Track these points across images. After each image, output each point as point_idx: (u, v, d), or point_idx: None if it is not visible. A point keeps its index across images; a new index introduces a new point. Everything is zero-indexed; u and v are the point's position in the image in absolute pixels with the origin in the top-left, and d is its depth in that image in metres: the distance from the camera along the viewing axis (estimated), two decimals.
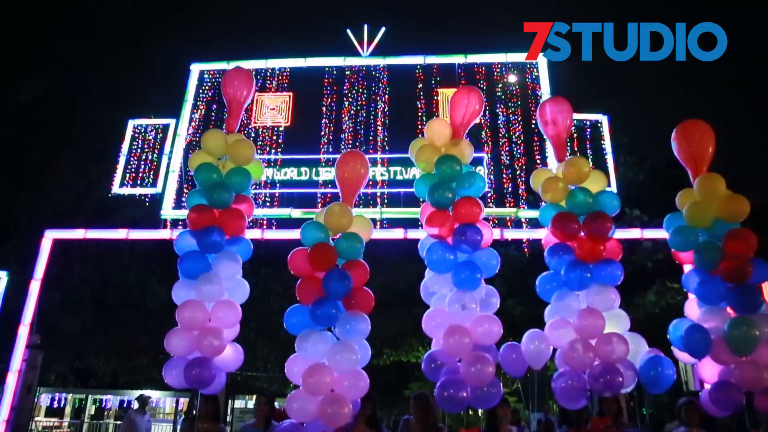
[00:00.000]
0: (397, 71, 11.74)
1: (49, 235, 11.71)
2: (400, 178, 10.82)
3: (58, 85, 19.93)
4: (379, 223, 10.53)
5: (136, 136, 12.09)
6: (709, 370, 5.18)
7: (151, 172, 11.74)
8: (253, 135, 11.39)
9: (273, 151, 11.29)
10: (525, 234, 10.59)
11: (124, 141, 12.05)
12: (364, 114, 11.34)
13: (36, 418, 23.25)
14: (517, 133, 11.11)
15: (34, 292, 11.44)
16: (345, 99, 11.51)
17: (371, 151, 10.92)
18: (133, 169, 11.85)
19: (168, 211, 11.30)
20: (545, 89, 11.12)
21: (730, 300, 5.12)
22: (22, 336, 11.29)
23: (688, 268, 5.85)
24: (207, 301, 5.11)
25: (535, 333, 5.15)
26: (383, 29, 11.98)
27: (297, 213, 10.71)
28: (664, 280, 16.01)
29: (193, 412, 5.99)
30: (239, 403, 19.78)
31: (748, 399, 4.97)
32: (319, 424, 4.62)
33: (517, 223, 10.54)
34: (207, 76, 12.14)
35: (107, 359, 21.02)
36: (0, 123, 17.89)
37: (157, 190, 11.54)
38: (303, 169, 11.13)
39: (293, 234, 10.34)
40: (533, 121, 10.93)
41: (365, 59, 11.84)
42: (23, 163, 18.63)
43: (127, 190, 11.81)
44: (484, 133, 10.90)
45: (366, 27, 11.99)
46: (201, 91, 12.04)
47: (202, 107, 11.90)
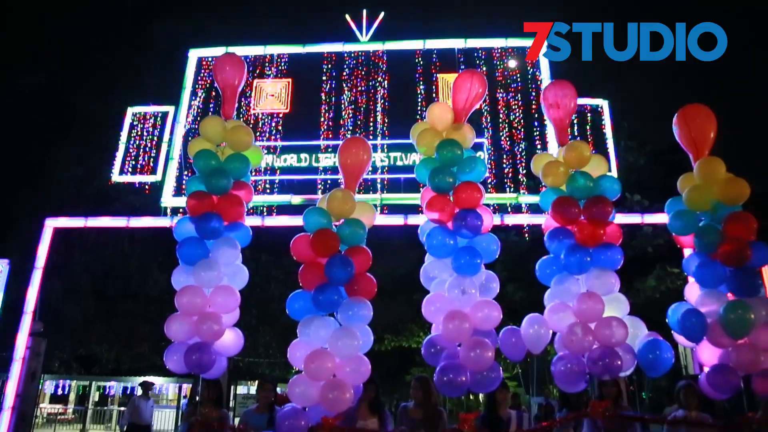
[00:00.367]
0: (396, 56, 11.66)
1: (50, 224, 11.72)
2: (400, 163, 10.80)
3: (57, 74, 19.86)
4: (379, 209, 10.53)
5: (135, 123, 12.04)
6: (707, 354, 5.20)
7: (151, 160, 11.72)
8: (252, 122, 11.35)
9: (273, 137, 11.26)
10: (525, 219, 10.59)
11: (123, 129, 12.02)
12: (364, 100, 11.28)
13: (41, 405, 23.46)
14: (517, 118, 11.06)
15: (36, 280, 11.47)
16: (344, 85, 11.45)
17: (371, 137, 10.88)
18: (132, 157, 11.82)
19: (168, 198, 11.29)
20: (545, 74, 11.05)
21: (729, 283, 5.12)
22: (25, 324, 11.35)
23: (689, 252, 5.85)
24: (206, 287, 5.13)
25: (535, 317, 5.16)
26: (382, 14, 11.89)
27: (297, 199, 10.70)
28: (664, 265, 16.06)
29: (196, 397, 6.04)
30: (241, 389, 19.94)
31: (746, 382, 4.99)
32: (321, 409, 4.65)
33: (517, 209, 10.54)
34: (205, 63, 12.07)
35: (109, 346, 21.14)
36: None
37: (157, 177, 11.52)
38: (303, 155, 11.10)
39: (293, 221, 10.36)
40: (534, 105, 10.93)
41: (364, 45, 11.75)
42: (23, 153, 18.61)
43: (126, 178, 11.79)
44: (484, 118, 10.84)
45: (365, 12, 11.89)
46: (199, 77, 11.98)
47: (201, 94, 11.84)
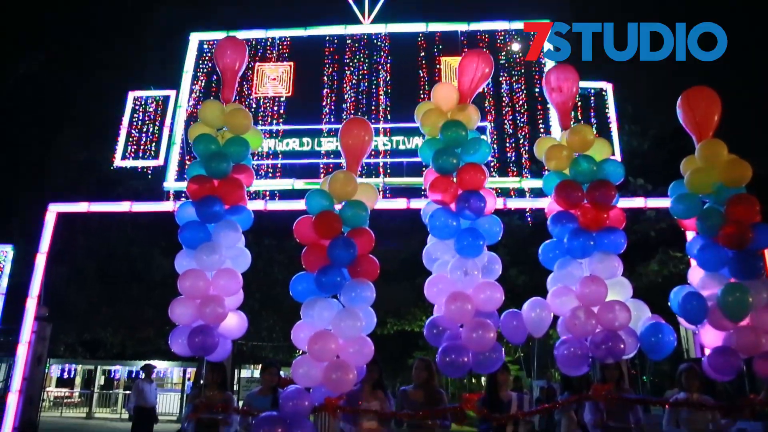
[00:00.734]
0: (399, 39, 11.57)
1: (53, 209, 11.75)
2: (402, 147, 10.76)
3: (57, 59, 19.77)
4: (381, 192, 10.51)
5: (137, 108, 12.01)
6: (709, 336, 5.21)
7: (153, 145, 11.71)
8: (254, 106, 11.31)
9: (275, 121, 11.22)
10: (528, 203, 10.57)
11: (125, 113, 11.99)
12: (366, 83, 11.22)
13: (47, 389, 23.72)
14: (520, 102, 11.00)
15: (40, 265, 11.53)
16: (346, 68, 11.38)
17: (373, 120, 10.83)
18: (134, 142, 11.81)
19: (171, 183, 11.30)
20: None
21: (730, 266, 5.10)
22: (30, 308, 11.43)
23: (692, 236, 5.84)
24: (208, 270, 5.15)
25: (537, 301, 5.17)
26: None
27: (300, 184, 10.69)
28: (667, 249, 16.04)
29: (201, 381, 6.10)
30: (245, 372, 20.11)
31: (748, 364, 5.01)
32: (324, 390, 4.69)
33: (520, 193, 10.52)
34: (206, 46, 12.00)
35: (114, 331, 21.30)
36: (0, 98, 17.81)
37: (159, 162, 11.51)
38: (305, 139, 11.07)
39: (296, 205, 10.35)
40: (537, 89, 10.86)
41: (366, 27, 11.66)
42: (25, 138, 18.61)
43: (129, 163, 11.78)
44: (487, 102, 10.78)
45: None
46: (201, 61, 11.91)
47: (202, 78, 11.79)
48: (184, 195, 10.77)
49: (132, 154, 11.75)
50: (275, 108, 11.32)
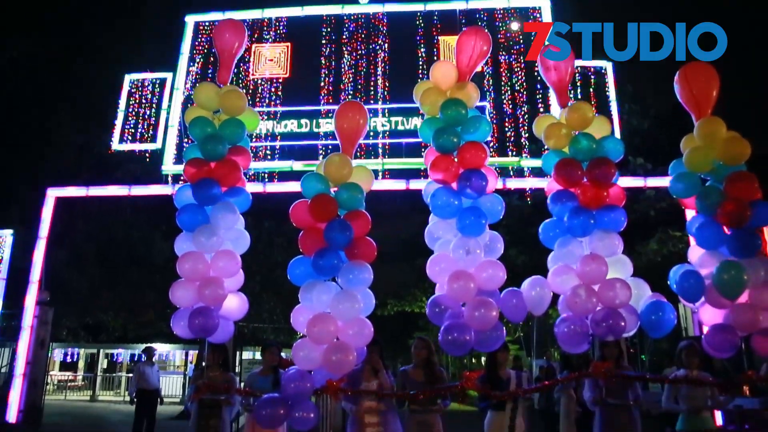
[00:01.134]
0: (396, 19, 11.45)
1: (52, 194, 11.75)
2: (401, 128, 10.71)
3: (53, 42, 19.58)
4: (381, 174, 10.48)
5: (134, 91, 11.94)
6: (708, 314, 5.23)
7: (151, 128, 11.66)
8: (251, 87, 11.23)
9: (272, 103, 11.15)
10: (527, 183, 10.55)
11: (122, 96, 11.92)
12: (364, 64, 11.13)
13: (51, 372, 23.91)
14: (519, 81, 10.93)
15: (40, 249, 11.55)
16: (344, 48, 11.28)
17: (372, 101, 10.76)
18: (132, 125, 11.76)
19: (169, 166, 11.27)
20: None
21: (729, 244, 5.08)
22: (32, 293, 11.48)
23: (692, 214, 5.82)
24: (206, 253, 5.15)
25: (537, 279, 5.17)
26: None
27: (298, 165, 10.66)
28: (666, 229, 16.05)
29: (203, 362, 6.14)
30: (247, 354, 20.22)
31: (746, 342, 5.02)
32: (326, 372, 4.72)
33: (519, 172, 10.50)
34: (202, 28, 11.88)
35: (116, 314, 21.40)
36: None
37: (157, 145, 11.47)
38: (303, 120, 11.01)
39: (295, 186, 10.29)
40: (536, 68, 10.77)
41: (364, 6, 11.53)
42: (22, 122, 18.50)
43: (126, 147, 11.74)
44: (486, 81, 10.70)
45: None
46: (197, 43, 11.81)
47: (199, 60, 11.69)
48: (182, 178, 10.75)
49: (129, 138, 11.71)
50: (273, 89, 11.25)
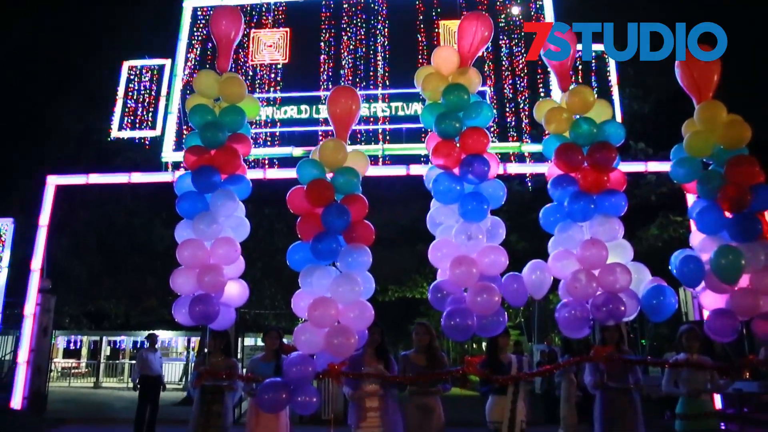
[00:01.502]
0: (396, 3, 11.35)
1: (52, 181, 11.73)
2: (401, 113, 10.66)
3: (50, 27, 19.45)
4: (381, 159, 10.46)
5: (132, 77, 11.87)
6: (709, 298, 5.24)
7: (150, 115, 11.61)
8: (251, 74, 11.17)
9: (272, 89, 11.09)
10: (528, 168, 10.52)
11: (120, 83, 11.86)
12: (364, 49, 11.05)
13: (55, 360, 24.06)
14: (520, 66, 10.86)
15: (41, 238, 11.57)
16: (343, 33, 11.19)
17: (371, 86, 10.71)
18: (130, 113, 11.71)
19: (169, 153, 11.24)
20: (549, 19, 10.77)
21: (729, 228, 5.06)
22: (34, 281, 11.51)
23: (693, 199, 5.80)
24: (206, 240, 5.15)
25: (537, 263, 5.18)
26: None
27: (298, 151, 10.64)
28: (667, 214, 16.02)
29: (205, 349, 6.17)
30: (249, 340, 20.31)
31: (747, 326, 5.03)
32: (328, 356, 4.74)
33: (520, 158, 10.46)
34: (200, 14, 11.79)
35: (118, 302, 21.47)
36: None
37: (157, 132, 11.43)
38: (303, 106, 10.97)
39: (295, 173, 10.32)
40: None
41: None
42: (20, 110, 18.43)
43: (126, 134, 11.70)
44: (486, 66, 10.63)
45: None
46: (195, 29, 11.72)
47: (197, 46, 11.61)
48: (182, 166, 10.73)
49: (129, 125, 11.67)
50: (272, 75, 11.19)
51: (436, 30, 10.98)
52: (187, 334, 23.89)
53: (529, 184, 11.90)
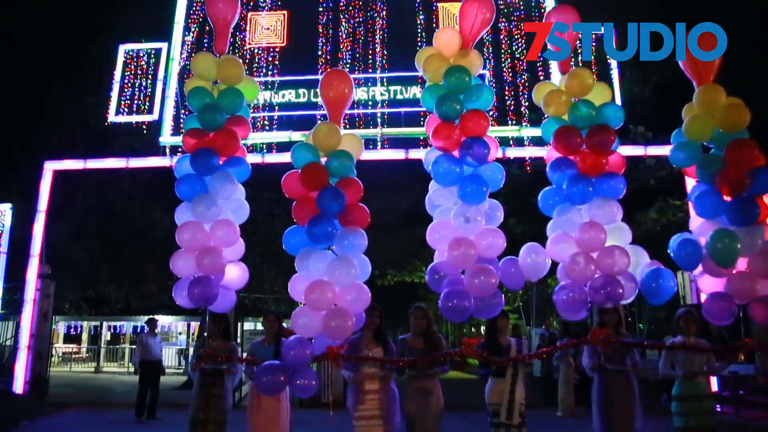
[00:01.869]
0: None
1: (49, 167, 11.70)
2: (400, 97, 10.60)
3: (45, 12, 19.24)
4: (380, 143, 10.42)
5: (129, 62, 11.78)
6: (707, 282, 5.25)
7: (147, 99, 11.54)
8: (248, 57, 11.08)
9: (270, 72, 11.01)
10: (527, 152, 10.49)
11: (117, 68, 11.77)
12: (362, 31, 10.95)
13: (56, 345, 24.17)
14: (520, 49, 10.78)
15: (40, 223, 11.56)
16: (342, 16, 11.08)
17: (370, 69, 10.63)
18: (127, 97, 11.64)
19: (166, 137, 11.19)
20: (551, 6, 10.67)
21: (727, 212, 5.05)
22: (33, 266, 11.53)
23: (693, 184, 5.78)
24: (205, 222, 5.15)
25: (532, 246, 5.19)
26: None
27: (297, 135, 10.59)
28: (666, 198, 16.02)
29: (205, 333, 6.19)
30: (248, 325, 20.39)
31: (744, 310, 5.05)
32: (326, 339, 4.76)
33: (519, 141, 10.43)
34: None
35: (117, 287, 21.50)
36: None
37: (154, 117, 11.37)
38: (301, 90, 10.89)
39: None
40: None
41: None
42: (17, 95, 18.30)
43: (123, 118, 11.65)
44: (485, 48, 10.55)
45: None
46: (192, 11, 11.61)
47: (194, 29, 11.50)
48: (180, 150, 10.70)
49: (126, 110, 11.60)
50: (270, 59, 11.10)
51: (435, 12, 10.88)
52: (187, 319, 23.97)
53: (528, 168, 11.88)
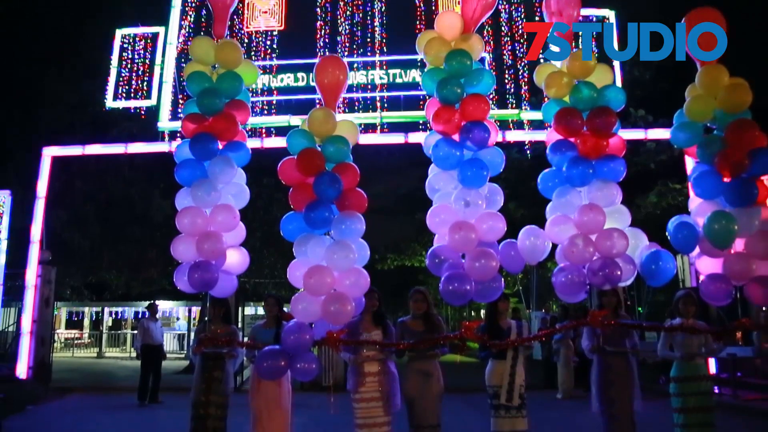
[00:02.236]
0: None
1: (48, 153, 11.67)
2: (399, 81, 10.54)
3: None
4: (379, 127, 10.38)
5: (126, 46, 11.70)
6: (704, 263, 5.26)
7: (145, 84, 11.48)
8: (246, 41, 11.00)
9: (268, 56, 10.93)
10: (527, 136, 10.46)
11: (114, 52, 11.69)
12: (361, 14, 10.85)
13: (58, 331, 24.31)
14: (520, 32, 10.70)
15: (39, 209, 11.56)
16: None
17: (369, 53, 10.56)
18: (125, 82, 11.58)
19: (165, 123, 11.15)
20: None
21: (725, 193, 5.04)
22: (33, 253, 11.55)
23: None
24: (204, 207, 5.15)
25: (531, 229, 5.20)
26: None
27: (296, 120, 10.54)
28: (666, 181, 16.00)
29: (206, 318, 6.22)
30: (249, 309, 20.49)
31: (741, 290, 5.06)
32: (326, 324, 4.78)
33: (519, 125, 10.40)
34: None
35: (118, 273, 21.56)
36: None
37: (152, 102, 11.32)
38: (300, 74, 10.83)
39: None
40: (537, 17, 10.52)
41: None
42: (14, 80, 18.18)
43: (121, 104, 11.59)
44: (485, 31, 10.46)
45: None
46: None
47: (191, 12, 11.40)
48: (179, 134, 10.66)
49: (124, 95, 11.55)
50: (268, 43, 11.02)
51: None
52: (188, 304, 24.07)
53: (528, 152, 11.84)
